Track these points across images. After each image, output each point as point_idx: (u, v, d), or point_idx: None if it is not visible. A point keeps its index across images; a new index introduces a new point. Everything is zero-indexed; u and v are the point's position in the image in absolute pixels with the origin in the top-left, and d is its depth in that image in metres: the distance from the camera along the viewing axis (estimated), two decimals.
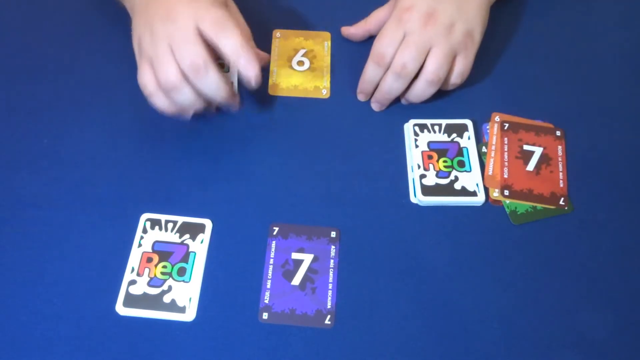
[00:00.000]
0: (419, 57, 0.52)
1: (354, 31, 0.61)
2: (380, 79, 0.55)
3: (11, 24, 0.63)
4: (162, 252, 0.49)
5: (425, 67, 0.53)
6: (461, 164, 0.53)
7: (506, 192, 0.52)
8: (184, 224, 0.50)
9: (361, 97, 0.58)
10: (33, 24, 0.63)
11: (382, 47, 0.54)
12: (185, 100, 0.49)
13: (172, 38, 0.47)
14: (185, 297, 0.47)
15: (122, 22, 0.60)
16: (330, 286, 0.48)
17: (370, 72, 0.55)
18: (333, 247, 0.50)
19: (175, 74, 0.47)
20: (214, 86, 0.48)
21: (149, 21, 0.50)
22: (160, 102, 0.50)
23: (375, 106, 0.57)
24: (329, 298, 0.47)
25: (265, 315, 0.46)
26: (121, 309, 0.46)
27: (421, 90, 0.54)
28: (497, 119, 0.56)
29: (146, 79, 0.49)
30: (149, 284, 0.47)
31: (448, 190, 0.52)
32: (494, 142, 0.55)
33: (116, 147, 0.55)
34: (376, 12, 0.59)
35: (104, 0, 0.64)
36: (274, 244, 0.50)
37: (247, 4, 0.57)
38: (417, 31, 0.52)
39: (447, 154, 0.54)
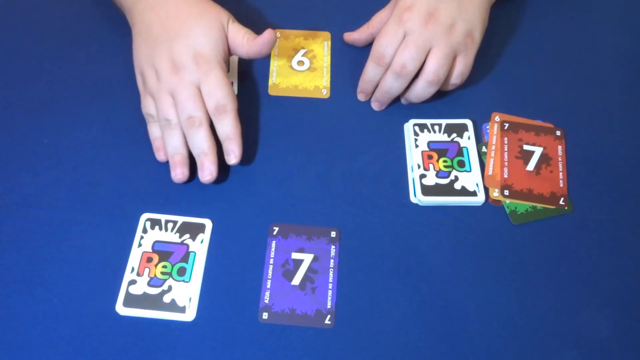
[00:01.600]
0: (418, 57, 0.52)
1: (357, 36, 0.61)
2: (381, 78, 0.55)
3: (11, 24, 0.63)
4: (162, 252, 0.49)
5: (426, 67, 0.53)
6: (461, 164, 0.53)
7: (506, 192, 0.52)
8: (184, 224, 0.50)
9: (361, 97, 0.58)
10: (33, 24, 0.63)
11: (382, 47, 0.54)
12: (174, 142, 0.51)
13: (176, 91, 0.51)
14: (185, 297, 0.47)
15: (122, 23, 0.60)
16: (330, 286, 0.48)
17: (370, 71, 0.55)
18: (333, 247, 0.50)
19: (174, 117, 0.51)
20: (200, 140, 0.50)
21: (153, 60, 0.52)
22: (155, 132, 0.53)
23: (375, 105, 0.57)
24: (329, 298, 0.47)
25: (265, 315, 0.46)
26: (121, 309, 0.46)
27: (421, 90, 0.54)
28: (497, 119, 0.56)
29: (150, 109, 0.53)
30: (149, 284, 0.47)
31: (448, 190, 0.52)
32: (494, 142, 0.55)
33: (116, 147, 0.55)
34: (378, 14, 0.59)
35: (104, 1, 0.64)
36: (274, 244, 0.50)
37: (247, 4, 0.57)
38: (417, 31, 0.52)
39: (447, 153, 0.54)
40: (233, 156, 0.51)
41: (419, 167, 0.53)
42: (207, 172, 0.50)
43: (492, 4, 0.58)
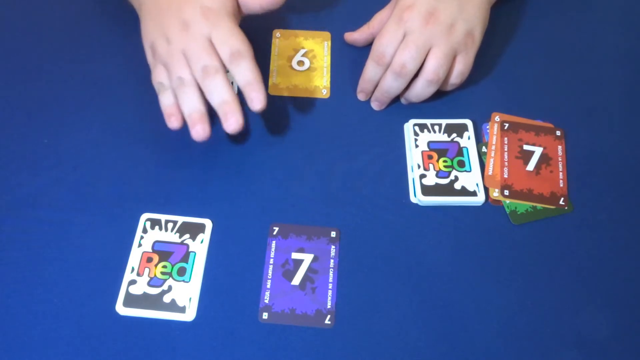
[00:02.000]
0: (418, 57, 0.52)
1: (358, 36, 0.61)
2: (380, 78, 0.55)
3: (11, 24, 0.63)
4: (162, 252, 0.49)
5: (425, 67, 0.53)
6: (461, 164, 0.53)
7: (506, 192, 0.52)
8: (184, 224, 0.50)
9: (361, 97, 0.58)
10: (33, 24, 0.63)
11: (382, 47, 0.54)
12: (190, 100, 0.49)
13: (187, 47, 0.49)
14: (185, 297, 0.47)
15: (122, 22, 0.60)
16: (330, 286, 0.48)
17: (370, 71, 0.55)
18: (333, 247, 0.50)
19: (188, 74, 0.49)
20: (220, 88, 0.48)
21: (163, 28, 0.51)
22: (167, 100, 0.51)
23: (375, 105, 0.57)
24: (329, 298, 0.47)
25: (265, 315, 0.46)
26: (121, 309, 0.46)
27: (421, 89, 0.54)
28: (497, 118, 0.56)
29: (161, 77, 0.51)
30: (149, 284, 0.47)
31: (448, 190, 0.52)
32: (494, 142, 0.55)
33: (116, 147, 0.55)
34: (378, 14, 0.59)
35: (104, 1, 0.64)
36: (274, 244, 0.50)
37: None
38: (417, 30, 0.52)
39: (447, 153, 0.54)
40: (257, 102, 0.48)
41: (419, 167, 0.53)
42: (233, 120, 0.48)
43: (492, 4, 0.58)
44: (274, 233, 0.50)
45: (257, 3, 0.53)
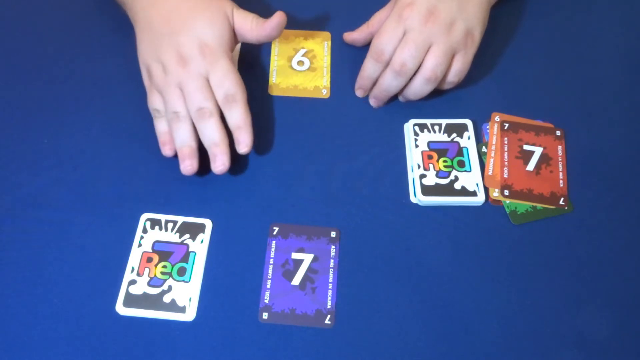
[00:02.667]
0: (418, 55, 0.52)
1: (357, 36, 0.61)
2: (379, 75, 0.55)
3: (11, 24, 0.63)
4: (162, 252, 0.49)
5: (424, 65, 0.53)
6: (461, 164, 0.53)
7: (506, 192, 0.52)
8: (184, 224, 0.50)
9: (359, 93, 0.58)
10: (33, 24, 0.63)
11: (381, 44, 0.54)
12: (182, 135, 0.51)
13: (184, 83, 0.50)
14: (185, 297, 0.47)
15: (122, 22, 0.60)
16: (330, 286, 0.48)
17: (369, 68, 0.55)
18: (333, 247, 0.50)
19: (183, 109, 0.50)
20: (212, 131, 0.50)
21: (159, 55, 0.51)
22: (162, 127, 0.53)
23: (373, 102, 0.58)
24: (329, 298, 0.47)
25: (265, 315, 0.46)
26: (121, 309, 0.46)
27: (419, 87, 0.54)
28: (497, 118, 0.56)
29: (157, 104, 0.52)
30: (149, 284, 0.47)
31: (448, 190, 0.52)
32: (494, 142, 0.55)
33: (116, 147, 0.55)
34: (378, 13, 0.59)
35: (104, 1, 0.64)
36: (274, 244, 0.50)
37: (247, 4, 0.57)
38: (417, 28, 0.52)
39: (447, 153, 0.54)
40: (244, 145, 0.51)
41: (419, 167, 0.53)
42: (220, 162, 0.50)
43: (492, 4, 0.58)
44: (274, 233, 0.50)
45: (253, 36, 0.54)
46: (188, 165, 0.50)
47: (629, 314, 0.47)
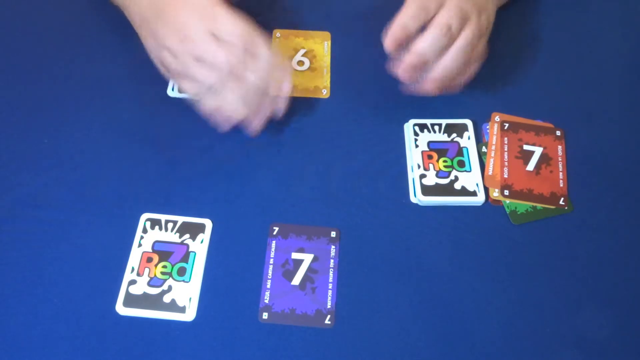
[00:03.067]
0: (460, 23, 0.50)
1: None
2: (415, 29, 0.50)
3: (11, 24, 0.63)
4: (162, 252, 0.49)
5: (461, 35, 0.50)
6: (461, 164, 0.53)
7: (506, 192, 0.52)
8: (184, 224, 0.50)
9: (389, 43, 0.50)
10: (33, 24, 0.63)
11: (445, 19, 0.49)
12: (231, 101, 0.49)
13: (199, 55, 0.48)
14: (185, 297, 0.47)
15: (122, 22, 0.60)
16: (330, 286, 0.48)
17: (409, 13, 0.49)
18: (333, 247, 0.50)
19: (214, 79, 0.48)
20: (259, 76, 0.49)
21: (159, 41, 0.50)
22: (208, 104, 0.50)
23: (408, 74, 0.51)
24: (329, 298, 0.47)
25: (265, 315, 0.46)
26: (121, 309, 0.46)
27: (452, 59, 0.50)
28: (497, 119, 0.56)
29: (188, 88, 0.50)
30: (149, 284, 0.47)
31: (448, 190, 0.52)
32: (494, 142, 0.55)
33: (116, 147, 0.55)
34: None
35: (103, 1, 0.64)
36: (274, 244, 0.50)
37: (247, 4, 0.57)
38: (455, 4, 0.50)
39: (447, 153, 0.54)
40: (286, 83, 0.51)
41: (419, 167, 0.53)
42: (286, 83, 0.51)
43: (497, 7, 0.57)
44: (274, 233, 0.50)
45: None
46: (257, 123, 0.51)
47: (629, 314, 0.47)
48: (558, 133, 0.55)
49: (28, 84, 0.59)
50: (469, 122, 0.56)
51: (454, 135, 0.55)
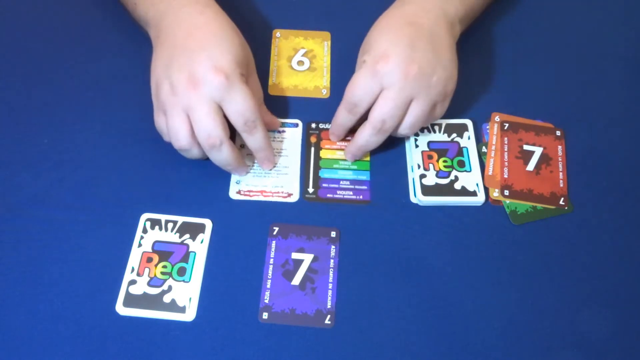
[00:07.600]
0: (399, 114, 0.49)
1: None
2: (352, 124, 0.52)
3: (12, 24, 0.63)
4: (162, 252, 0.49)
5: (405, 122, 0.50)
6: (461, 164, 0.53)
7: (506, 192, 0.52)
8: (184, 224, 0.50)
9: (333, 138, 0.55)
10: (33, 24, 0.63)
11: (354, 97, 0.50)
12: (193, 156, 0.51)
13: (192, 108, 0.47)
14: (185, 297, 0.47)
15: (122, 22, 0.60)
16: (330, 286, 0.48)
17: (342, 117, 0.52)
18: (333, 247, 0.50)
19: (186, 139, 0.48)
20: (226, 159, 0.50)
21: (169, 70, 0.48)
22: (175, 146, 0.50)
23: (349, 157, 0.54)
24: (329, 298, 0.47)
25: (265, 315, 0.46)
26: (121, 309, 0.46)
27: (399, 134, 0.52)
28: (497, 119, 0.56)
29: (160, 126, 0.50)
30: (149, 284, 0.47)
31: (448, 190, 0.52)
32: (494, 142, 0.55)
33: (116, 147, 0.55)
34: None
35: (104, 1, 0.64)
36: (274, 244, 0.50)
37: (247, 4, 0.57)
38: (397, 85, 0.48)
39: (447, 153, 0.54)
40: (269, 162, 0.53)
41: (419, 167, 0.53)
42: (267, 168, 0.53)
43: (456, 40, 0.54)
44: (274, 233, 0.50)
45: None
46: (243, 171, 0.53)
47: (629, 314, 0.47)
48: (558, 133, 0.55)
49: (28, 84, 0.59)
50: (469, 122, 0.56)
51: (454, 135, 0.55)
